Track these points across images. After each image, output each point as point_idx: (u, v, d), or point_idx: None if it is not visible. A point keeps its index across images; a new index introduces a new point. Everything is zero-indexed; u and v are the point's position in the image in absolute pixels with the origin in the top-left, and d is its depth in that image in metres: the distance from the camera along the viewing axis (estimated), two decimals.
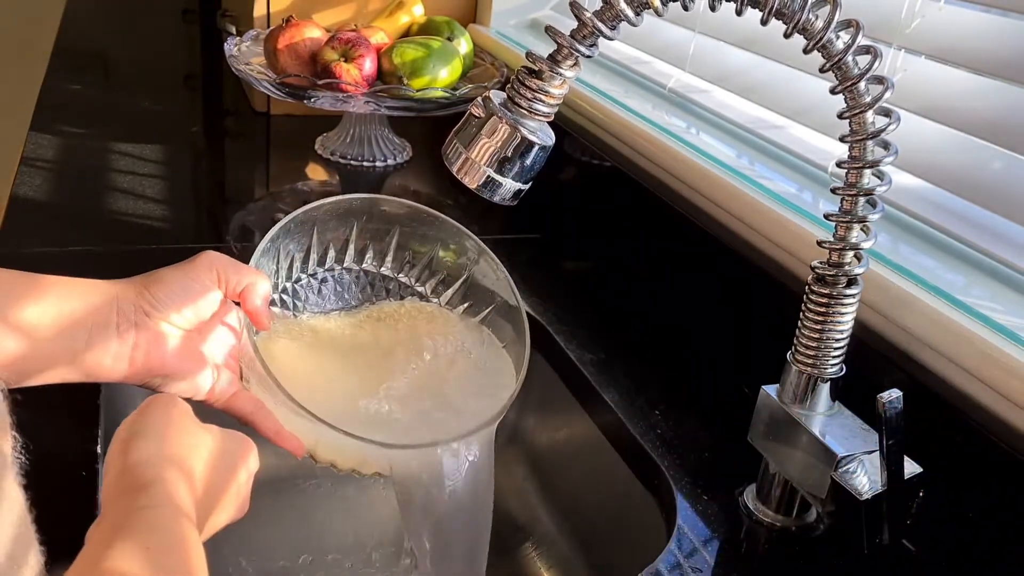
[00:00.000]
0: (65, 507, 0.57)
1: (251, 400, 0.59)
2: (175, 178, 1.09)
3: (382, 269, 0.72)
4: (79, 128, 1.18)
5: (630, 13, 0.52)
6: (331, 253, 0.70)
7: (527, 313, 0.67)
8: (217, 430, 0.50)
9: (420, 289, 0.72)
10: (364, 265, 0.72)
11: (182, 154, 1.20)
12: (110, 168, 1.07)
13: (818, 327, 0.56)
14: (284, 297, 0.68)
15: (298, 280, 0.69)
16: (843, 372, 0.58)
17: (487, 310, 0.70)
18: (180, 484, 0.44)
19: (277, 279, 0.66)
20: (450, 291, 0.72)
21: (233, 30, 1.18)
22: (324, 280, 0.70)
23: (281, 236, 0.63)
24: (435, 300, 0.72)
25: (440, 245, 0.71)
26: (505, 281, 0.68)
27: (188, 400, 0.56)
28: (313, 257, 0.69)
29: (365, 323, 0.70)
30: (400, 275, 0.72)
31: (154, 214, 0.97)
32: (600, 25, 0.53)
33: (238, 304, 0.59)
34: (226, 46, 1.12)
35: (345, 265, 0.71)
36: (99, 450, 0.62)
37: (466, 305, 0.71)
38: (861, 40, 0.50)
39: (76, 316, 0.51)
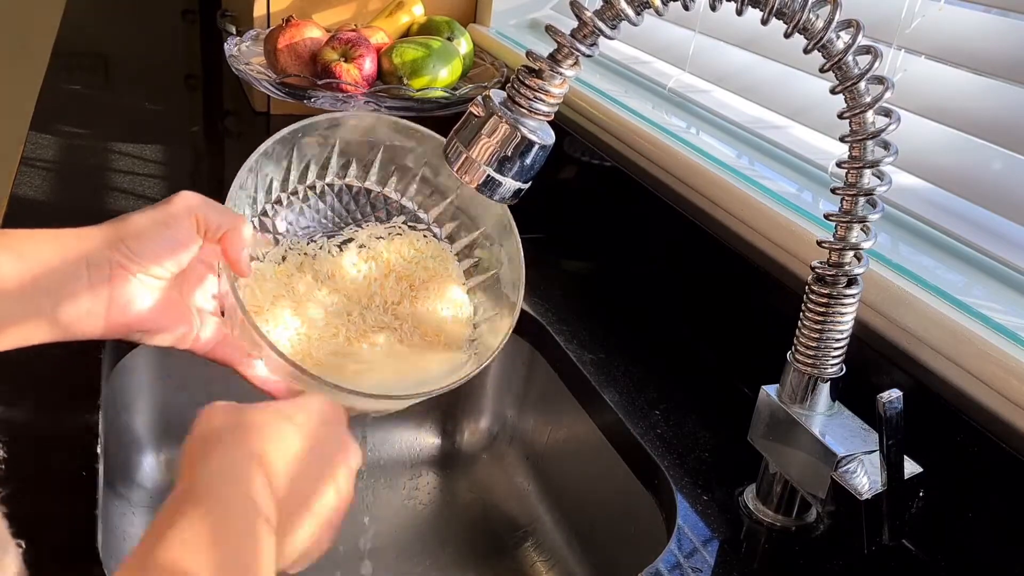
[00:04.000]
0: (62, 508, 0.57)
1: (237, 349, 0.57)
2: (175, 178, 1.08)
3: (366, 183, 0.68)
4: (79, 128, 1.18)
5: (631, 12, 0.52)
6: (312, 169, 0.66)
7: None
8: (307, 424, 0.46)
9: (408, 204, 0.70)
10: (347, 180, 0.68)
11: (182, 154, 1.20)
12: (110, 168, 1.07)
13: (818, 327, 0.56)
14: (264, 220, 0.65)
15: (278, 201, 0.66)
16: (843, 372, 0.58)
17: (476, 233, 0.68)
18: (259, 493, 0.40)
19: (256, 204, 0.64)
20: (439, 208, 0.69)
21: (233, 30, 1.18)
22: (306, 198, 0.67)
23: (259, 166, 0.61)
24: (424, 216, 0.70)
25: (427, 163, 0.68)
26: (501, 212, 0.65)
27: (171, 348, 0.55)
28: (293, 175, 0.66)
29: (350, 253, 0.68)
30: (385, 189, 0.69)
31: None
32: (601, 24, 0.53)
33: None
34: (226, 46, 1.12)
35: (327, 181, 0.67)
36: (99, 450, 0.62)
37: (455, 224, 0.69)
38: (861, 40, 0.50)
39: (43, 272, 0.48)
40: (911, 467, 0.55)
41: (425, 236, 0.69)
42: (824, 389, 0.58)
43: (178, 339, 0.55)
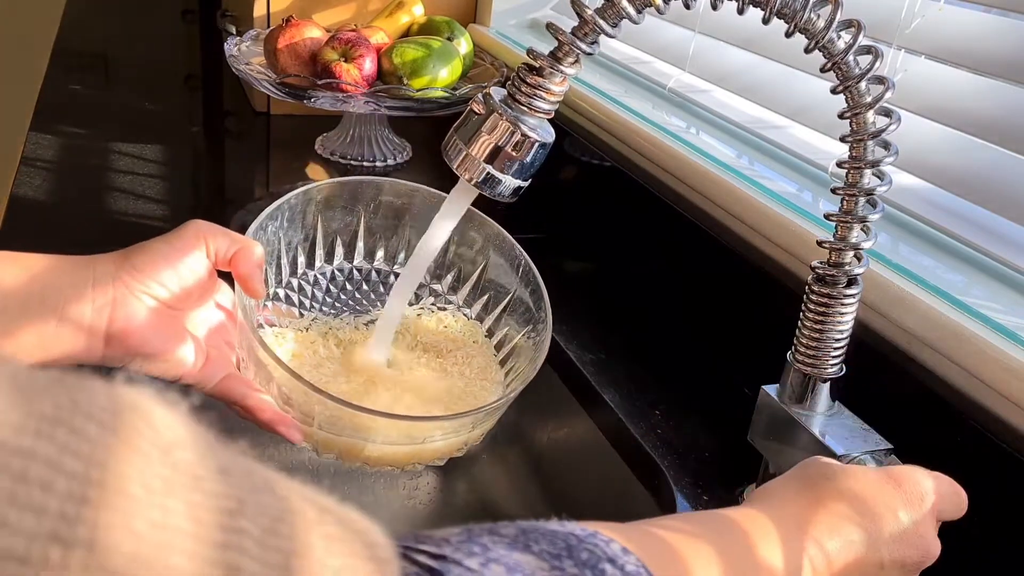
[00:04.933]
0: None
1: (244, 384, 0.55)
2: (175, 178, 1.08)
3: (395, 268, 0.70)
4: (79, 128, 1.18)
5: (632, 11, 0.52)
6: (339, 250, 0.68)
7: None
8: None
9: (436, 287, 0.71)
10: (375, 264, 0.70)
11: (182, 154, 1.20)
12: (110, 168, 1.07)
13: (818, 327, 0.56)
14: (290, 293, 0.67)
15: (303, 276, 0.67)
16: (843, 372, 0.58)
17: (506, 299, 0.69)
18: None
19: (280, 275, 0.65)
20: (467, 287, 0.71)
21: (233, 30, 1.18)
22: (332, 278, 0.69)
23: (277, 218, 0.61)
24: (452, 298, 0.71)
25: (455, 235, 0.68)
26: (526, 269, 0.66)
27: (171, 382, 0.53)
28: (319, 253, 0.67)
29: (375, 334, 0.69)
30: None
31: (154, 214, 0.97)
32: (601, 23, 0.53)
33: (231, 284, 0.55)
34: (226, 46, 1.12)
35: (355, 264, 0.69)
36: None
37: (485, 299, 0.70)
38: (862, 40, 0.50)
39: (47, 283, 0.47)
40: None
41: (454, 316, 0.71)
42: (824, 389, 0.58)
43: (177, 369, 0.53)
